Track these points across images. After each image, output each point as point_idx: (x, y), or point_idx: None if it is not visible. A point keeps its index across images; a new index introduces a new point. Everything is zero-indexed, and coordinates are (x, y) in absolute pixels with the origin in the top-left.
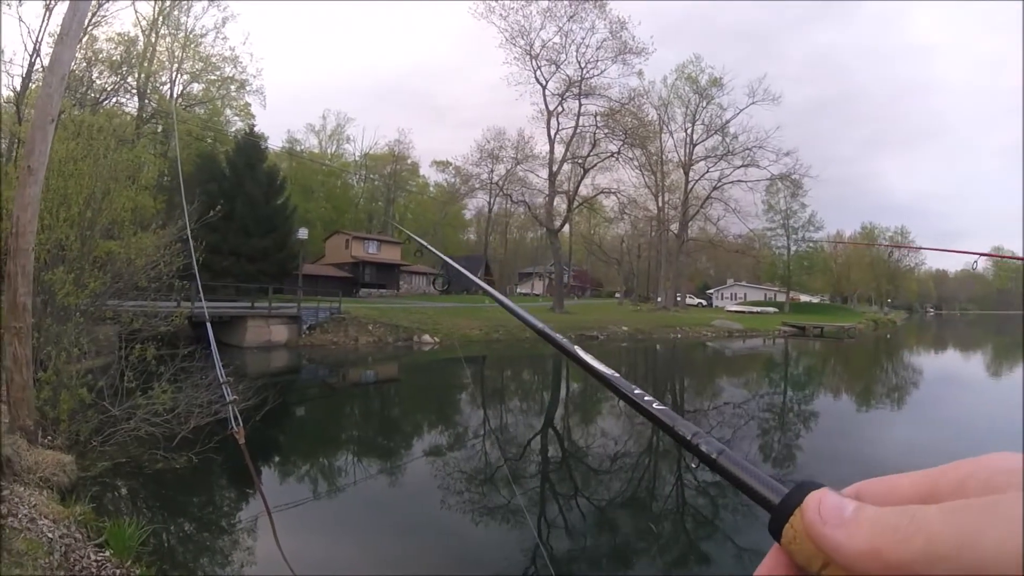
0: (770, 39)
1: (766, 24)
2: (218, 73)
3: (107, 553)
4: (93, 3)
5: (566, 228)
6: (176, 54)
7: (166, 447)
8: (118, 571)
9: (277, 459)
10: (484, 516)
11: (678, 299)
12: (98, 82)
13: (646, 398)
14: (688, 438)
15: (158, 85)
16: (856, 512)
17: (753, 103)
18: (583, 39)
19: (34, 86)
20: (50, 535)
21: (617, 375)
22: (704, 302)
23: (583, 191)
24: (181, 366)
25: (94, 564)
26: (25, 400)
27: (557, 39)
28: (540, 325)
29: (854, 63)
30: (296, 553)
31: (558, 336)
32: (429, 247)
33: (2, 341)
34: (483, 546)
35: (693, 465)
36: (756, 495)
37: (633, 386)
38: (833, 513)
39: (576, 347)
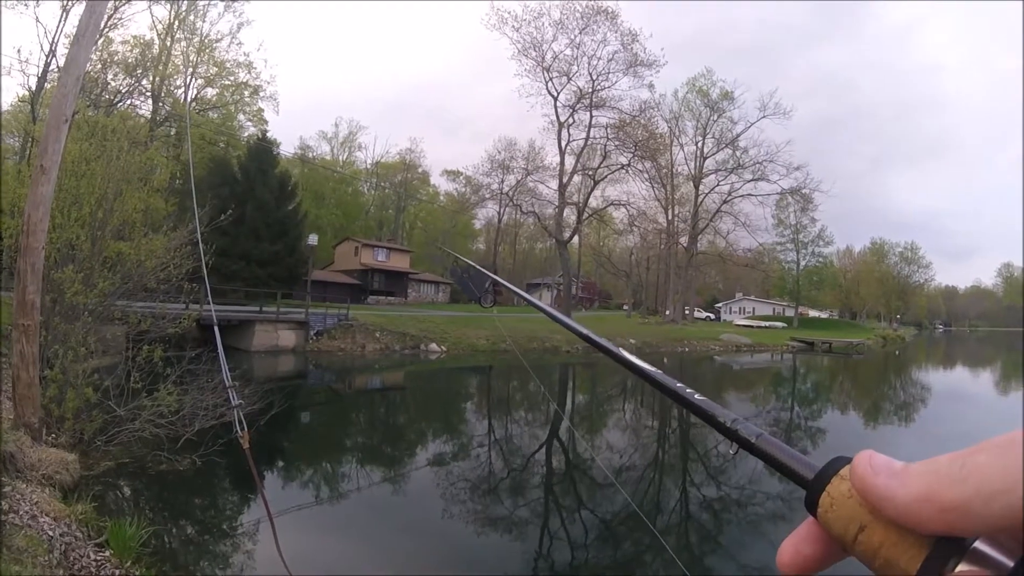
0: (777, 57)
1: (773, 42)
2: (232, 78)
3: (107, 553)
4: (109, 5)
5: (575, 239)
6: (191, 58)
7: (170, 449)
8: (118, 571)
9: (281, 464)
10: (487, 526)
11: (686, 312)
12: (113, 84)
13: (687, 391)
14: (728, 424)
15: (172, 89)
16: (906, 465)
17: (764, 116)
18: (595, 51)
19: (49, 86)
20: (51, 533)
21: (660, 372)
22: (712, 316)
23: (593, 203)
24: (188, 368)
25: (94, 563)
26: (30, 397)
27: (569, 51)
28: (586, 331)
29: (863, 81)
30: (297, 558)
31: (603, 340)
32: (478, 267)
33: (10, 338)
34: (485, 556)
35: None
36: (792, 473)
37: (675, 381)
38: (885, 466)
39: (620, 349)
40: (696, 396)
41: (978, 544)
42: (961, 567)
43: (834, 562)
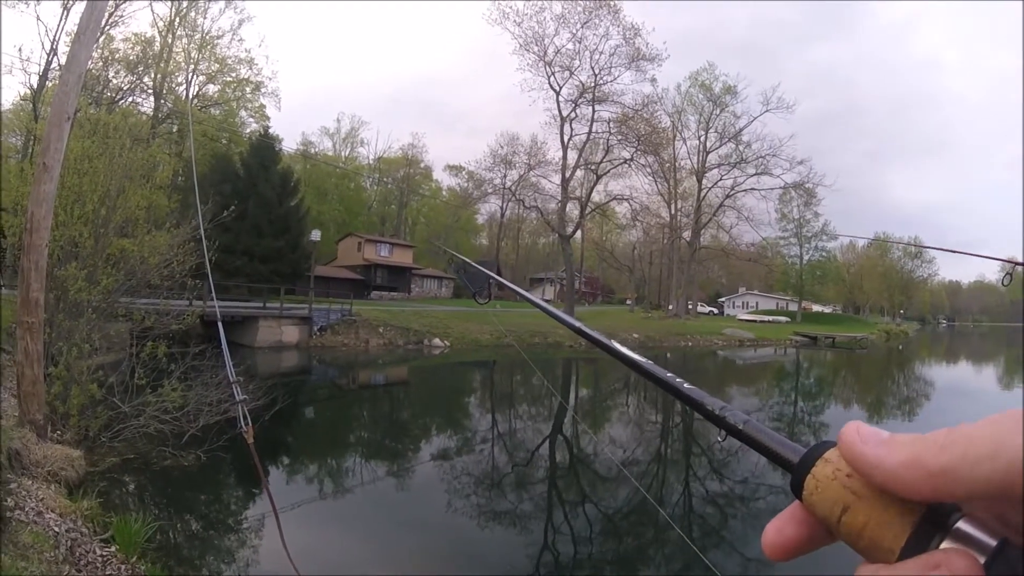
0: (775, 55)
1: (770, 40)
2: (234, 75)
3: (113, 548)
4: (110, 3)
5: (578, 234)
6: (192, 55)
7: (175, 444)
8: (123, 566)
9: (285, 459)
10: (491, 520)
11: (689, 307)
12: (114, 81)
13: (677, 380)
14: (716, 412)
15: (174, 85)
16: (894, 435)
17: (767, 111)
18: (597, 45)
19: (51, 84)
20: (56, 529)
21: (651, 362)
22: (715, 311)
23: (596, 197)
24: (192, 364)
25: (99, 559)
26: (35, 394)
27: (571, 45)
28: (578, 324)
29: (860, 78)
30: (302, 553)
31: (595, 332)
32: (475, 264)
33: (14, 335)
34: (489, 550)
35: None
36: (778, 457)
37: (666, 371)
38: (872, 435)
39: (612, 341)
40: (685, 385)
41: (961, 524)
42: (945, 544)
43: (819, 546)
